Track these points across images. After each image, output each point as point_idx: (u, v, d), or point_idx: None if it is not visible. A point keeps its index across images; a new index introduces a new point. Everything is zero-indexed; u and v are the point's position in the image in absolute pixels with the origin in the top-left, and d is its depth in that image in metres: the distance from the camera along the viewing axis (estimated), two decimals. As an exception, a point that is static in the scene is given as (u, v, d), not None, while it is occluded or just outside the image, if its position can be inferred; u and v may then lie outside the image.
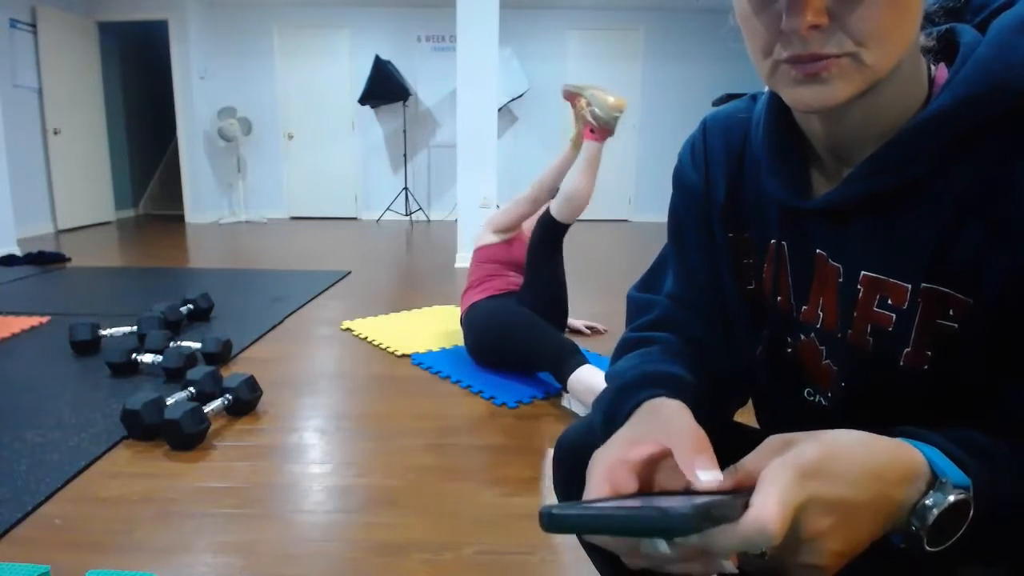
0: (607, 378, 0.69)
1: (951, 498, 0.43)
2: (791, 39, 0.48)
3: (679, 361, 0.66)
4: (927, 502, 0.43)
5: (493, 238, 2.60)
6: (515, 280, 2.53)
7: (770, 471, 0.40)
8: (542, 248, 2.41)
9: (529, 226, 2.60)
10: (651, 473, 0.51)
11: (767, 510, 0.38)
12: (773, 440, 0.45)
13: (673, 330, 0.72)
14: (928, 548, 0.43)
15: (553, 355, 2.10)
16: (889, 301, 0.55)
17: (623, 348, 0.73)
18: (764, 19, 0.50)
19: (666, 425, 0.53)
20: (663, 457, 0.51)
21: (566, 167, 2.47)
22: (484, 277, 2.53)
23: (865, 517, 0.42)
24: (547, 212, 2.40)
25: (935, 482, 0.43)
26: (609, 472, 0.49)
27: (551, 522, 0.39)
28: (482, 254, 2.60)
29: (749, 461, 0.44)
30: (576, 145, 2.45)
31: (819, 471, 0.40)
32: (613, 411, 0.63)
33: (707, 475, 0.46)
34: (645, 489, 0.50)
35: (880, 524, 0.43)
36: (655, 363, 0.66)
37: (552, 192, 2.49)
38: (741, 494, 0.40)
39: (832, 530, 0.41)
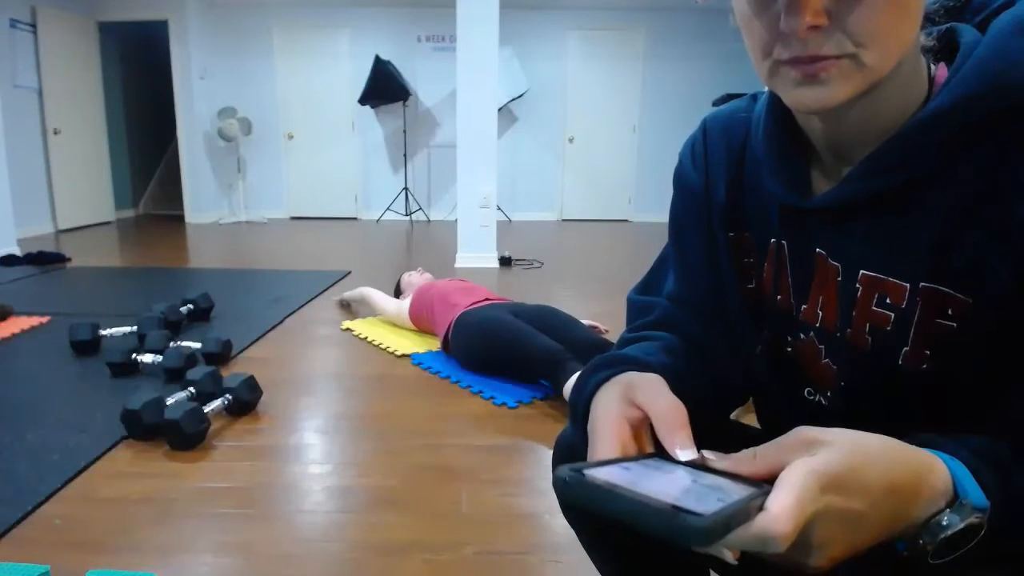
0: None
1: (967, 520, 0.42)
2: (790, 40, 0.48)
3: (672, 357, 0.66)
4: (943, 521, 0.42)
5: (407, 313, 2.88)
6: (469, 298, 2.60)
7: (791, 474, 0.39)
8: None
9: (408, 281, 3.21)
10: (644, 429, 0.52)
11: (781, 520, 0.37)
12: (800, 435, 0.43)
13: (673, 330, 0.72)
14: (931, 561, 0.43)
15: (546, 365, 2.09)
16: (888, 300, 0.55)
17: (620, 346, 0.73)
18: (764, 20, 0.50)
19: (646, 392, 0.53)
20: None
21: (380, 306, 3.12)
22: (445, 309, 2.60)
23: (875, 529, 0.42)
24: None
25: (955, 501, 0.42)
26: (615, 427, 0.50)
27: (566, 491, 0.39)
28: (417, 311, 2.82)
29: (771, 451, 0.43)
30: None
31: (841, 484, 0.40)
32: (583, 384, 0.62)
33: (685, 454, 0.47)
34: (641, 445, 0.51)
35: (888, 535, 0.43)
36: (639, 351, 0.66)
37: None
38: (757, 490, 0.40)
39: (840, 539, 0.40)
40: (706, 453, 0.46)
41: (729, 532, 0.36)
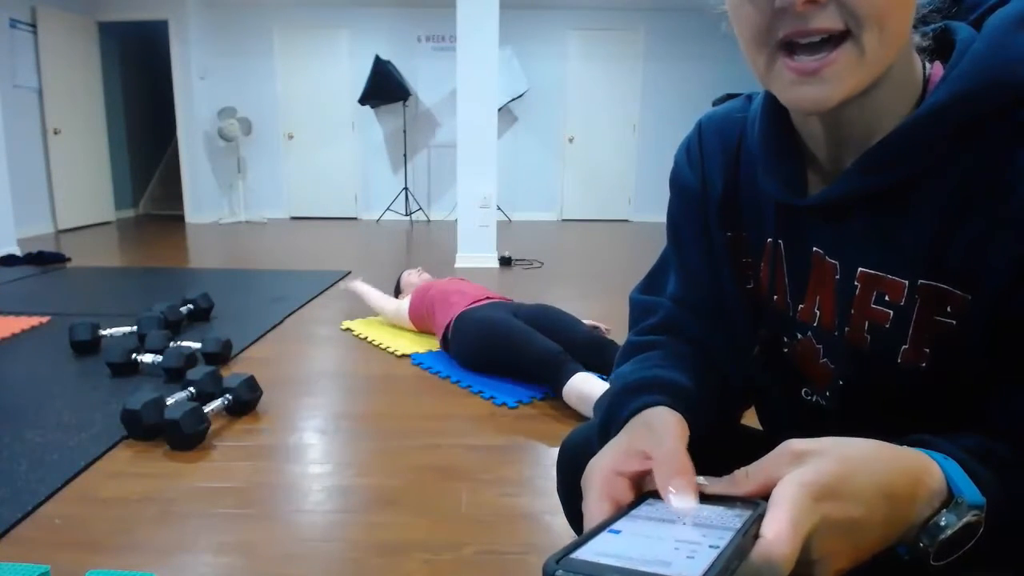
0: (610, 382, 0.68)
1: (965, 519, 0.42)
2: (786, 17, 0.47)
3: (681, 365, 0.65)
4: (940, 522, 0.42)
5: (407, 313, 2.86)
6: (468, 298, 2.59)
7: (783, 489, 0.39)
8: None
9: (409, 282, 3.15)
10: (646, 482, 0.49)
11: (778, 544, 0.36)
12: (788, 447, 0.43)
13: (677, 333, 0.72)
14: (932, 563, 0.42)
15: (544, 367, 2.09)
16: (886, 298, 0.55)
17: (627, 352, 0.73)
18: (757, 1, 0.48)
19: (652, 440, 0.52)
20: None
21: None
22: (444, 308, 2.60)
23: (875, 535, 0.41)
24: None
25: (950, 500, 0.42)
26: (606, 484, 0.48)
27: None
28: (416, 310, 2.82)
29: (762, 468, 0.43)
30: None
31: (833, 492, 0.39)
32: (609, 417, 0.62)
33: (680, 502, 0.44)
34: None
35: (888, 540, 0.42)
36: (655, 368, 0.65)
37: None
38: (752, 513, 0.39)
39: (841, 549, 0.40)
40: (699, 479, 0.46)
41: None
